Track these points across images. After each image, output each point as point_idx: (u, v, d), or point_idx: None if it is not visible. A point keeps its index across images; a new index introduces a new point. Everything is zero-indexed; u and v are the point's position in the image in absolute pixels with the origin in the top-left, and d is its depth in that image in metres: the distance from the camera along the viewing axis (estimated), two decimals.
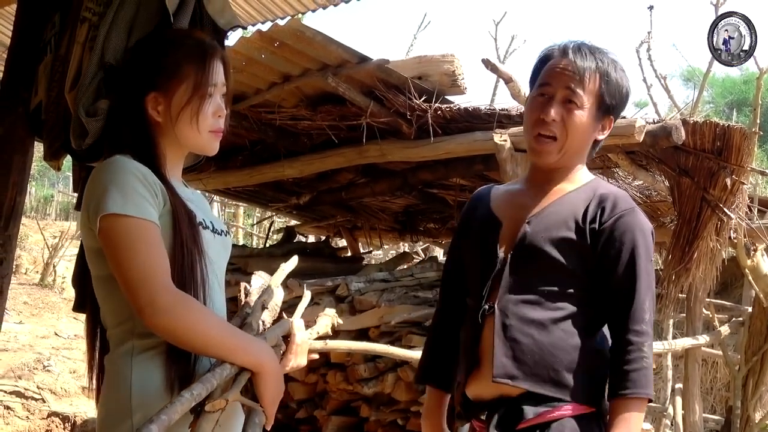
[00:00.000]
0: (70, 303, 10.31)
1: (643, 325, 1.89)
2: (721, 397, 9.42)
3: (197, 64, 1.82)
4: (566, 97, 1.99)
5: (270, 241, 8.44)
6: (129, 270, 1.60)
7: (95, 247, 1.72)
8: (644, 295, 1.92)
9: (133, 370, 1.68)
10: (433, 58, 4.67)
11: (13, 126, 2.78)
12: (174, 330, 1.60)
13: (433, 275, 5.71)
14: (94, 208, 1.66)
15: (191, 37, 1.93)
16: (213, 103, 1.84)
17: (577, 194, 2.02)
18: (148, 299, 1.58)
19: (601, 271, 1.96)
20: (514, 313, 1.98)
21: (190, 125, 1.81)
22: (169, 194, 1.74)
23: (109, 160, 1.73)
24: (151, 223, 1.66)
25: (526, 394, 1.94)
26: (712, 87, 24.59)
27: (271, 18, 4.73)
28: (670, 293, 5.00)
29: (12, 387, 6.61)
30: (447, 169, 5.34)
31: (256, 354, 1.69)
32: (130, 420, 1.64)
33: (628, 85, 2.08)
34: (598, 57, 2.02)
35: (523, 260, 2.00)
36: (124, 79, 1.88)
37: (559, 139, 1.99)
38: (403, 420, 4.80)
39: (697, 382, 6.64)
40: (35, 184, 21.47)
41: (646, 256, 1.95)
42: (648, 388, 1.86)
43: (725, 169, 4.53)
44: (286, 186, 6.78)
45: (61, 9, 2.56)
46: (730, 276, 9.31)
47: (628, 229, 1.94)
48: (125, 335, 1.72)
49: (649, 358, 1.88)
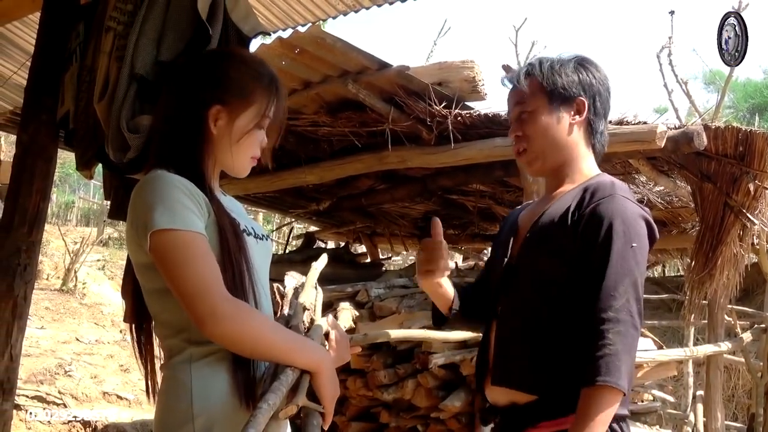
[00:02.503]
0: (91, 308, 10.40)
1: (611, 312, 1.79)
2: (743, 405, 9.35)
3: (269, 93, 1.87)
4: (519, 113, 2.12)
5: (290, 247, 8.44)
6: (185, 283, 1.62)
7: (145, 262, 1.73)
8: (615, 281, 1.82)
9: (193, 377, 1.70)
10: (453, 65, 4.66)
11: (36, 133, 2.81)
12: (236, 338, 1.62)
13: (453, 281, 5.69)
14: (142, 225, 1.67)
15: (265, 65, 1.95)
16: (263, 131, 1.90)
17: (572, 192, 2.03)
18: (208, 310, 1.59)
19: (582, 264, 1.91)
20: (513, 320, 2.03)
21: (247, 148, 1.87)
22: (213, 206, 1.76)
23: (151, 176, 1.74)
24: (200, 235, 1.68)
25: (534, 402, 1.95)
26: (734, 91, 24.39)
27: (291, 25, 4.75)
28: (693, 299, 4.96)
29: (34, 392, 6.67)
30: (467, 175, 5.33)
31: (313, 355, 1.71)
32: (191, 424, 1.66)
33: (562, 65, 2.10)
34: (528, 63, 2.15)
35: (523, 267, 2.04)
36: (185, 88, 1.88)
37: (527, 149, 2.11)
38: (423, 426, 4.79)
39: (719, 389, 6.58)
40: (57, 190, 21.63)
41: (625, 241, 1.86)
42: (609, 376, 1.74)
43: (748, 174, 4.49)
44: (306, 192, 6.80)
45: (85, 18, 2.58)
46: (752, 282, 9.24)
47: (605, 215, 1.89)
48: (182, 344, 1.74)
49: (615, 344, 1.76)
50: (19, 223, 2.84)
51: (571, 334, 1.91)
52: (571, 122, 2.07)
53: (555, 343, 1.94)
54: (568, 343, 1.91)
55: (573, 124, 2.07)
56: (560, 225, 1.96)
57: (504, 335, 2.03)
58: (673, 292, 10.13)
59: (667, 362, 5.24)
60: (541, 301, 1.97)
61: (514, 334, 2.01)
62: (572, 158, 2.09)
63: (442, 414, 4.56)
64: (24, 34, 5.22)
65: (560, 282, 1.95)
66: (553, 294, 1.96)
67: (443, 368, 4.52)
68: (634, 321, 1.82)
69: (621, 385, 1.75)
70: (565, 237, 1.94)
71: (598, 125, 2.11)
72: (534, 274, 2.00)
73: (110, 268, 13.36)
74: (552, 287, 1.96)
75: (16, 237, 2.84)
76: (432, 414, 4.67)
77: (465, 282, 5.69)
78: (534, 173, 2.17)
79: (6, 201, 2.91)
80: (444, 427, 4.64)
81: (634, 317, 1.82)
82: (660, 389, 5.98)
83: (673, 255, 7.84)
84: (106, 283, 12.23)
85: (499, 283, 2.10)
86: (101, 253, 14.42)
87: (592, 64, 2.12)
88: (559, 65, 2.09)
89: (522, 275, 2.04)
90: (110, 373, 7.65)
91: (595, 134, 2.11)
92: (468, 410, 4.47)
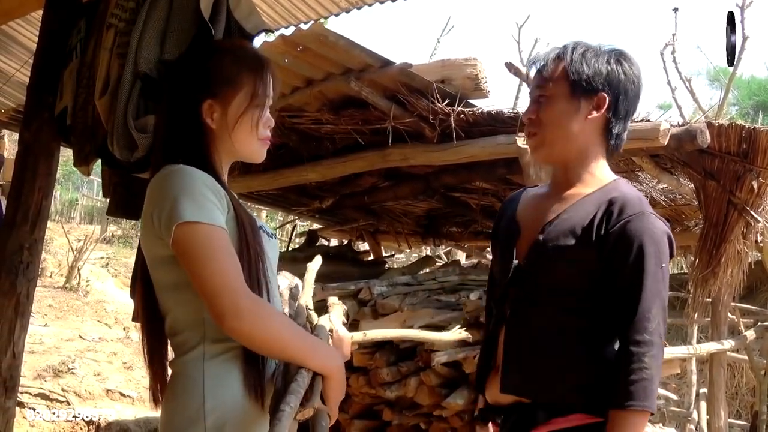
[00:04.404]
0: (94, 306, 10.40)
1: (646, 334, 1.83)
2: (747, 402, 9.33)
3: (255, 73, 1.86)
4: (538, 95, 2.06)
5: (292, 245, 8.44)
6: (209, 277, 1.62)
7: (163, 255, 1.72)
8: (649, 303, 1.85)
9: (206, 375, 1.69)
10: (456, 62, 4.65)
11: (39, 131, 2.81)
12: (255, 335, 1.63)
13: (456, 279, 5.69)
14: (166, 216, 1.66)
15: (246, 48, 1.96)
16: (264, 112, 1.88)
17: (590, 199, 1.99)
18: (230, 306, 1.59)
19: (608, 280, 1.91)
20: (522, 324, 2.01)
21: (246, 133, 1.85)
22: (232, 201, 1.77)
23: (172, 169, 1.73)
24: (223, 230, 1.68)
25: (539, 402, 1.95)
26: (738, 88, 24.34)
27: (294, 23, 4.75)
28: (696, 297, 4.96)
29: (37, 389, 6.67)
30: (470, 172, 5.33)
31: (328, 359, 1.73)
32: (202, 423, 1.65)
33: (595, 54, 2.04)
34: (563, 45, 2.08)
35: (534, 270, 2.01)
36: (177, 88, 1.89)
37: (538, 133, 2.05)
38: (425, 424, 4.78)
39: (722, 386, 6.57)
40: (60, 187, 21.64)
41: (656, 262, 1.88)
42: (646, 401, 1.79)
43: (751, 172, 4.48)
44: (309, 190, 6.80)
45: (86, 15, 2.58)
46: (755, 280, 9.22)
47: (635, 234, 1.88)
48: (195, 341, 1.73)
49: (651, 369, 1.81)
50: (22, 221, 2.84)
51: (587, 346, 1.93)
52: (587, 116, 2.01)
53: (571, 354, 1.94)
54: (585, 354, 1.93)
55: (589, 118, 2.01)
56: (583, 237, 1.93)
57: (517, 343, 2.01)
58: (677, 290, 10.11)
59: (670, 360, 5.24)
60: (560, 311, 1.96)
61: (528, 343, 1.99)
62: (583, 155, 2.04)
63: (445, 412, 4.56)
64: (27, 32, 5.23)
65: (580, 294, 1.95)
66: (572, 305, 1.95)
67: (446, 366, 4.52)
68: (662, 343, 1.87)
69: (654, 408, 1.82)
70: (589, 251, 1.92)
71: (615, 126, 2.04)
72: (551, 282, 1.98)
73: (114, 266, 13.36)
74: (571, 298, 1.96)
75: (18, 234, 2.84)
76: (435, 412, 4.67)
77: (468, 279, 5.69)
78: (539, 159, 2.14)
79: (9, 198, 2.91)
80: (447, 425, 4.63)
81: (662, 339, 1.87)
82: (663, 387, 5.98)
83: (677, 252, 7.83)
84: (109, 281, 12.23)
85: (507, 286, 2.07)
86: (105, 251, 14.42)
87: (627, 60, 2.05)
88: (592, 54, 2.02)
89: (537, 282, 2.00)
90: (113, 371, 7.65)
91: (611, 135, 2.05)
92: (471, 408, 4.46)
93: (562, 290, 1.96)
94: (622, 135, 2.07)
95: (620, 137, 2.07)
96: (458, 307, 4.96)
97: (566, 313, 1.96)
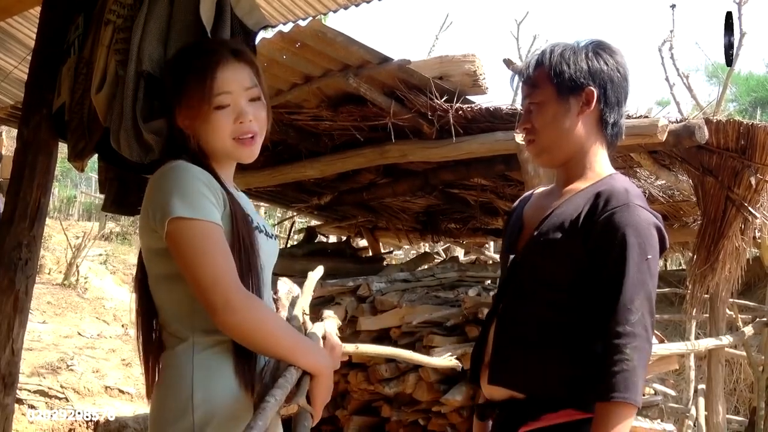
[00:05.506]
0: (92, 303, 10.41)
1: (627, 326, 1.81)
2: (745, 398, 9.36)
3: (198, 75, 1.81)
4: (528, 104, 2.08)
5: (291, 242, 8.44)
6: (202, 271, 1.63)
7: (156, 247, 1.74)
8: (631, 294, 1.83)
9: (195, 367, 1.70)
10: (454, 58, 4.66)
11: (37, 128, 2.80)
12: (246, 329, 1.64)
13: (454, 275, 5.70)
14: (160, 211, 1.68)
15: (195, 48, 1.94)
16: (229, 110, 1.82)
17: (583, 193, 2.00)
18: (222, 300, 1.61)
19: (593, 272, 1.91)
20: (511, 317, 2.03)
21: (212, 134, 1.82)
22: (229, 199, 1.77)
23: (171, 165, 1.75)
24: (217, 226, 1.69)
25: (531, 398, 1.96)
26: (736, 85, 24.35)
27: (292, 19, 4.73)
28: (694, 293, 4.96)
29: (36, 386, 6.68)
30: (468, 169, 5.33)
31: (316, 357, 1.73)
32: (191, 416, 1.66)
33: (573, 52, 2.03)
34: (540, 51, 2.09)
35: (527, 264, 2.03)
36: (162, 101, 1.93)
37: (535, 141, 2.07)
38: (424, 420, 4.79)
39: (720, 383, 6.59)
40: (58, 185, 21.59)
41: (640, 253, 1.86)
42: (627, 392, 1.77)
43: (749, 168, 4.49)
44: (308, 186, 6.80)
45: (84, 11, 2.57)
46: (753, 276, 9.25)
47: (619, 226, 1.87)
48: (186, 333, 1.75)
49: (632, 360, 1.78)
50: (20, 218, 2.84)
51: (574, 340, 1.93)
52: (580, 113, 2.02)
53: (557, 347, 1.95)
54: (571, 348, 1.93)
55: (582, 115, 2.02)
56: (570, 230, 1.94)
57: (504, 335, 2.03)
58: (675, 286, 10.14)
59: (668, 356, 5.25)
60: (545, 305, 1.97)
61: (515, 335, 2.00)
62: (582, 151, 2.05)
63: (444, 408, 4.57)
64: (25, 28, 5.22)
65: (566, 288, 1.95)
66: (557, 299, 1.96)
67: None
68: (648, 335, 1.84)
69: (637, 401, 1.79)
70: (575, 244, 1.93)
71: (609, 116, 2.04)
72: (538, 276, 1.99)
73: (112, 263, 13.37)
74: (557, 292, 1.96)
75: (17, 232, 2.83)
76: (433, 408, 4.68)
77: (466, 276, 5.70)
78: (542, 165, 2.17)
79: (7, 195, 2.90)
80: (445, 421, 4.64)
81: (648, 331, 1.84)
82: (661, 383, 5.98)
83: (675, 249, 7.83)
84: (107, 278, 12.24)
85: (504, 280, 2.11)
86: (103, 248, 14.41)
87: (606, 50, 2.05)
88: (570, 53, 2.02)
89: (526, 276, 2.03)
90: (112, 368, 7.66)
91: (607, 126, 2.05)
92: (469, 404, 4.48)
93: (549, 284, 1.97)
94: (619, 122, 2.07)
95: (617, 125, 2.07)
96: (457, 304, 4.97)
97: (554, 306, 1.96)
